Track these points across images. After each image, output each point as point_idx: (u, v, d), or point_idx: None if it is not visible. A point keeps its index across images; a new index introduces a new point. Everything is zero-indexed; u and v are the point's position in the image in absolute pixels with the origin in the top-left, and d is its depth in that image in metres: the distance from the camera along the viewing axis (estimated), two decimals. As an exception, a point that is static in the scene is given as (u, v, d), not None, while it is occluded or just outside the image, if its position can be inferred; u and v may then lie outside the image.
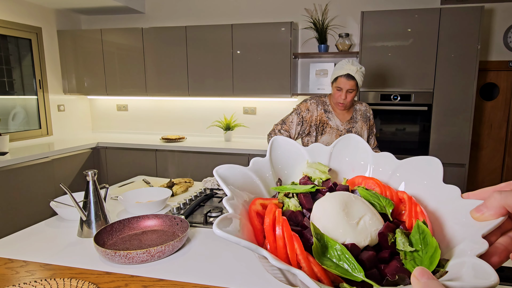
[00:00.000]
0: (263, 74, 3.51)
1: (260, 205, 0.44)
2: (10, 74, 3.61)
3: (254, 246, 0.35)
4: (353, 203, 0.42)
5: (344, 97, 1.90)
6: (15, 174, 2.90)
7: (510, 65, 3.31)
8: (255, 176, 0.49)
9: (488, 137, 3.48)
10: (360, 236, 0.39)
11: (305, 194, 0.46)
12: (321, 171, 0.51)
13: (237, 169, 0.47)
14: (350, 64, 1.87)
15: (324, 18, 3.52)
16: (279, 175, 0.52)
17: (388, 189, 0.46)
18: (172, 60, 3.73)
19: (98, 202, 1.33)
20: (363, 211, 0.41)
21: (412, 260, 0.38)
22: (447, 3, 3.31)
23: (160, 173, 3.64)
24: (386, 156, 0.51)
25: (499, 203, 0.34)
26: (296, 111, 2.04)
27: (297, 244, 0.37)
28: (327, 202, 0.43)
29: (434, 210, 0.42)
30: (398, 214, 0.45)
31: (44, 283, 0.94)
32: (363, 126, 2.07)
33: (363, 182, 0.49)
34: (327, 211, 0.41)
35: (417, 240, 0.38)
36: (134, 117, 4.38)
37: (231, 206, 0.40)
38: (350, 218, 0.40)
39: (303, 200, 0.46)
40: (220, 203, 1.69)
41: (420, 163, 0.47)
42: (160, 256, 1.09)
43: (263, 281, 0.99)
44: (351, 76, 1.86)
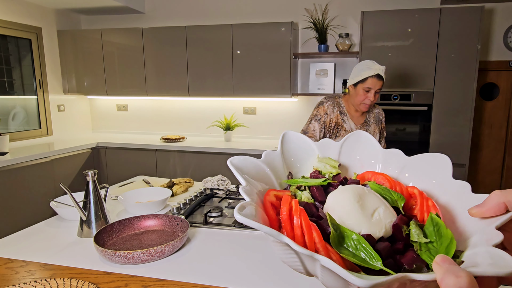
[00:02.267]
0: (263, 74, 3.51)
1: (274, 196, 0.44)
2: (10, 74, 3.61)
3: (276, 232, 0.34)
4: (367, 195, 0.43)
5: (372, 98, 1.86)
6: (15, 174, 2.90)
7: (510, 65, 3.31)
8: (267, 168, 0.49)
9: (488, 137, 3.48)
10: (375, 227, 0.40)
11: (317, 187, 0.47)
12: (332, 165, 0.51)
13: (250, 160, 0.49)
14: (377, 65, 1.84)
15: (324, 18, 3.52)
16: (290, 168, 0.53)
17: (398, 185, 0.47)
18: (172, 60, 3.73)
19: (98, 202, 1.33)
20: (376, 203, 0.42)
21: (427, 251, 0.38)
22: (447, 3, 3.31)
23: (160, 173, 3.64)
24: (395, 152, 0.52)
25: (499, 200, 0.34)
26: (316, 118, 1.96)
27: (316, 233, 0.37)
28: (342, 194, 0.43)
29: (445, 204, 0.42)
30: (409, 209, 0.45)
31: (44, 283, 0.94)
32: (376, 130, 2.04)
33: (373, 177, 0.50)
34: (342, 203, 0.42)
35: (431, 232, 0.39)
36: (134, 117, 4.39)
37: (246, 193, 0.41)
38: (364, 209, 0.41)
39: (315, 193, 0.46)
40: (220, 203, 1.69)
41: (428, 159, 0.47)
42: (160, 256, 1.09)
43: (264, 280, 0.99)
44: (381, 76, 1.83)
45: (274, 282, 0.98)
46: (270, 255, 1.15)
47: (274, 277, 1.01)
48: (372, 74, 1.83)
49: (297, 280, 0.99)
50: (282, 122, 3.89)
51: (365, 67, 1.86)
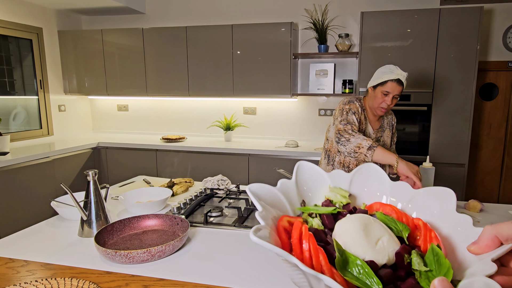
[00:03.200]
0: (263, 74, 3.51)
1: (287, 221, 0.49)
2: (11, 74, 3.62)
3: (286, 253, 0.38)
4: (372, 225, 0.46)
5: (390, 103, 1.83)
6: (16, 174, 2.90)
7: (509, 65, 3.31)
8: (282, 195, 0.54)
9: (488, 137, 3.49)
10: (379, 255, 0.43)
11: (327, 215, 0.51)
12: (342, 195, 0.55)
13: (267, 188, 0.53)
14: (399, 70, 1.81)
15: (324, 18, 3.53)
16: (303, 197, 0.57)
17: (405, 216, 0.50)
18: (173, 60, 3.73)
19: (99, 202, 1.33)
20: (381, 232, 0.46)
21: (426, 279, 0.41)
22: (446, 4, 3.31)
23: (161, 173, 3.64)
24: (402, 185, 0.55)
25: (491, 234, 0.37)
26: (350, 112, 1.88)
27: (322, 256, 0.41)
28: (349, 222, 0.47)
29: (447, 236, 0.46)
30: (413, 239, 0.49)
31: (45, 283, 0.94)
32: (389, 134, 2.03)
33: (381, 208, 0.53)
34: (349, 230, 0.46)
35: (431, 261, 0.42)
36: (135, 117, 4.39)
37: (262, 218, 0.45)
38: (369, 238, 0.44)
39: (325, 220, 0.50)
40: (220, 203, 1.70)
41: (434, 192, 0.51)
42: (161, 255, 1.10)
43: (264, 280, 1.00)
44: (401, 81, 1.80)
45: (274, 281, 0.99)
46: (270, 255, 1.15)
47: (274, 276, 1.02)
48: (392, 78, 1.80)
49: (296, 280, 0.99)
50: (282, 122, 3.89)
51: (388, 70, 1.83)
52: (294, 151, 3.28)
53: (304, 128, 3.84)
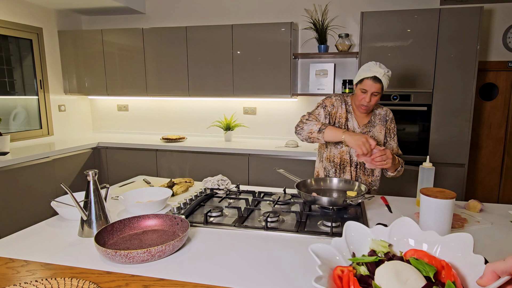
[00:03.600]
0: (263, 74, 3.51)
1: (340, 270, 0.63)
2: (11, 74, 3.62)
3: None
4: (403, 268, 0.60)
5: (368, 100, 1.84)
6: (16, 174, 2.91)
7: (509, 65, 3.31)
8: (336, 251, 0.69)
9: (488, 137, 3.49)
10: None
11: (371, 263, 0.65)
12: (383, 246, 0.70)
13: (325, 247, 0.68)
14: (377, 67, 1.82)
15: (324, 18, 3.53)
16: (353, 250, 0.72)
17: (434, 259, 0.64)
18: (173, 60, 3.73)
19: (99, 202, 1.33)
20: (410, 274, 0.58)
21: None
22: (446, 4, 3.31)
23: (161, 173, 3.64)
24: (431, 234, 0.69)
25: (490, 270, 0.50)
26: (322, 105, 1.96)
27: None
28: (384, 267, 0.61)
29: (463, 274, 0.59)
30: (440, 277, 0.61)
31: (45, 283, 0.94)
32: (381, 130, 2.01)
33: (415, 254, 0.67)
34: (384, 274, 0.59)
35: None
36: (135, 117, 4.39)
37: (321, 270, 0.60)
38: (399, 278, 0.57)
39: (369, 267, 0.64)
40: (220, 203, 1.70)
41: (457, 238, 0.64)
42: (161, 255, 1.10)
43: (264, 280, 1.00)
44: (377, 79, 1.80)
45: (275, 281, 0.99)
46: (270, 255, 1.16)
47: (274, 276, 1.02)
48: (368, 76, 1.81)
49: (298, 279, 0.99)
50: (282, 122, 3.89)
51: (366, 68, 1.85)
52: (294, 151, 3.28)
53: (304, 128, 3.83)
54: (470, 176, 3.53)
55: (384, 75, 1.81)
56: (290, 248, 1.21)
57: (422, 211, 1.30)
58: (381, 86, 1.83)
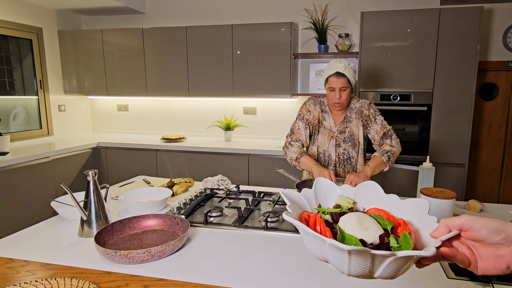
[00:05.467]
0: (263, 74, 3.51)
1: (307, 214, 0.69)
2: (11, 74, 3.62)
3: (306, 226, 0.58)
4: (365, 218, 0.66)
5: (338, 96, 1.87)
6: (16, 174, 2.91)
7: (509, 65, 3.31)
8: (304, 199, 0.74)
9: (488, 137, 3.49)
10: (368, 237, 0.61)
11: (336, 213, 0.70)
12: (348, 202, 0.76)
13: (295, 193, 0.73)
14: (337, 63, 1.86)
15: (324, 18, 3.53)
16: (320, 201, 0.77)
17: (392, 217, 0.70)
18: (173, 60, 3.73)
19: (99, 202, 1.33)
20: (370, 223, 0.64)
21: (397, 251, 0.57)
22: (446, 4, 3.31)
23: (161, 173, 3.64)
24: (393, 197, 0.74)
25: (444, 224, 0.57)
26: (299, 117, 2.05)
27: (328, 233, 0.61)
28: (348, 216, 0.67)
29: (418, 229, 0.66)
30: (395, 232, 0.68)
31: (44, 283, 0.94)
32: (358, 124, 1.99)
33: (376, 211, 0.73)
34: (347, 220, 0.65)
35: (401, 241, 0.60)
36: (135, 117, 4.39)
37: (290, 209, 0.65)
38: (361, 226, 0.63)
39: (334, 216, 0.70)
40: (220, 203, 1.70)
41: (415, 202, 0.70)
42: (161, 255, 1.10)
43: (264, 279, 1.00)
44: (340, 73, 1.84)
45: (275, 281, 0.99)
46: (270, 254, 1.16)
47: (274, 276, 1.02)
48: (331, 73, 1.85)
49: (298, 279, 0.99)
50: (282, 122, 3.89)
51: (327, 67, 1.89)
52: (294, 151, 3.28)
53: (304, 128, 3.84)
54: (470, 176, 3.53)
55: (346, 68, 1.84)
56: (290, 248, 1.21)
57: (422, 211, 1.30)
58: (346, 80, 1.85)
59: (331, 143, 2.00)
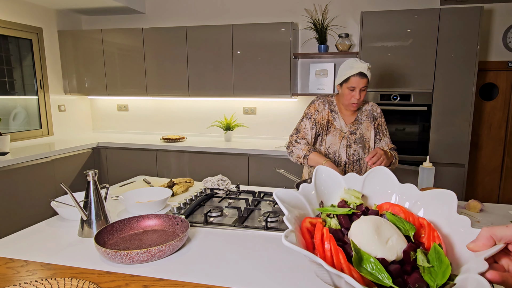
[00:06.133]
0: (263, 74, 3.51)
1: (309, 223, 0.56)
2: (11, 74, 3.62)
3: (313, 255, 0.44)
4: (383, 225, 0.53)
5: (358, 97, 1.85)
6: (16, 174, 2.90)
7: (509, 65, 3.31)
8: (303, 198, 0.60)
9: (488, 137, 3.49)
10: (389, 252, 0.50)
11: (344, 216, 0.58)
12: (356, 196, 0.62)
13: (290, 192, 0.59)
14: (359, 62, 1.83)
15: (324, 18, 3.53)
16: (321, 198, 0.63)
17: (411, 215, 0.56)
18: (173, 60, 3.73)
19: (99, 202, 1.33)
20: (391, 232, 0.52)
21: (429, 274, 0.47)
22: (446, 4, 3.31)
23: (161, 173, 3.64)
24: (409, 187, 0.61)
25: (487, 235, 0.43)
26: (307, 116, 1.98)
27: (342, 256, 0.48)
28: (363, 224, 0.53)
29: (447, 235, 0.52)
30: (418, 237, 0.55)
31: (44, 283, 0.94)
32: (369, 127, 2.00)
33: (390, 208, 0.59)
34: (363, 231, 0.52)
35: (433, 258, 0.48)
36: (135, 117, 4.39)
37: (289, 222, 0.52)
38: (381, 237, 0.51)
39: (342, 221, 0.57)
40: (220, 203, 1.70)
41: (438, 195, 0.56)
42: (161, 255, 1.10)
43: (264, 280, 1.00)
44: (363, 74, 1.82)
45: (275, 281, 0.99)
46: (270, 255, 1.15)
47: (274, 276, 1.02)
48: (354, 73, 1.83)
49: (298, 279, 0.99)
50: (282, 122, 3.89)
51: (348, 67, 1.86)
52: (294, 151, 3.28)
53: (304, 128, 3.83)
54: (470, 176, 3.53)
55: (368, 69, 1.84)
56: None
57: (422, 211, 1.30)
58: (367, 80, 1.85)
59: (342, 143, 1.96)
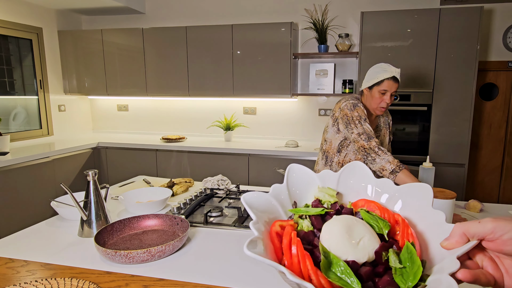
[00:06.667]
0: (263, 74, 3.51)
1: (279, 226, 0.53)
2: (11, 74, 3.62)
3: (276, 264, 0.42)
4: (355, 225, 0.51)
5: (388, 101, 1.81)
6: (16, 174, 2.90)
7: (509, 65, 3.31)
8: (274, 200, 0.58)
9: (488, 137, 3.49)
10: (360, 254, 0.48)
11: (316, 216, 0.55)
12: (330, 195, 0.59)
13: (260, 195, 0.56)
14: (391, 67, 1.80)
15: (324, 18, 3.53)
16: (295, 198, 0.60)
17: (386, 212, 0.54)
18: (173, 60, 3.73)
19: (99, 202, 1.33)
20: (363, 232, 0.50)
21: (400, 275, 0.45)
22: (446, 4, 3.31)
23: (161, 173, 3.64)
24: (385, 182, 0.59)
25: (460, 231, 0.41)
26: (363, 118, 1.82)
27: (308, 261, 0.46)
28: (334, 225, 0.51)
29: (422, 232, 0.50)
30: (393, 234, 0.53)
31: (44, 283, 0.94)
32: (386, 134, 2.00)
33: (365, 204, 0.57)
34: (333, 233, 0.50)
35: (406, 259, 0.46)
36: (135, 117, 4.39)
37: (256, 229, 0.49)
38: (352, 239, 0.49)
39: (314, 222, 0.55)
40: (220, 203, 1.70)
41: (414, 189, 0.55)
42: (161, 255, 1.10)
43: (263, 280, 1.00)
44: (396, 78, 1.79)
45: (275, 281, 0.99)
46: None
47: (274, 276, 1.02)
48: (388, 76, 1.78)
49: (296, 280, 0.99)
50: (282, 122, 3.89)
51: (381, 70, 1.81)
52: (294, 151, 3.28)
53: (304, 128, 3.84)
54: (470, 176, 3.53)
55: (399, 74, 1.81)
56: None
57: (422, 211, 1.30)
58: (398, 86, 1.82)
59: None
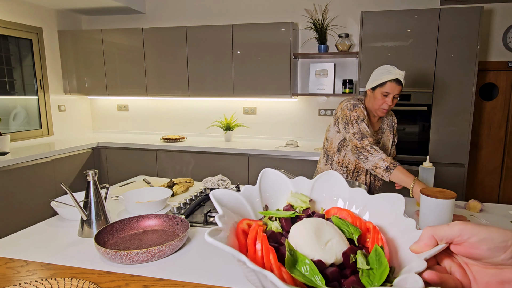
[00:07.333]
0: (263, 74, 3.51)
1: (247, 224, 0.52)
2: (11, 74, 3.62)
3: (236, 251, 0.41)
4: (324, 228, 0.50)
5: (390, 103, 1.81)
6: (16, 174, 2.90)
7: (509, 65, 3.31)
8: (245, 201, 0.57)
9: (488, 137, 3.49)
10: (327, 254, 0.47)
11: (286, 219, 0.54)
12: (303, 200, 0.59)
13: (230, 193, 0.55)
14: (396, 69, 1.79)
15: (324, 18, 3.53)
16: (266, 202, 0.60)
17: (359, 220, 0.55)
18: (173, 60, 3.73)
19: (99, 202, 1.33)
20: (332, 235, 0.50)
21: (367, 276, 0.45)
22: (446, 4, 3.31)
23: (161, 173, 3.64)
24: (359, 191, 0.59)
25: (429, 234, 0.41)
26: (360, 119, 1.82)
27: (272, 255, 0.45)
28: (303, 225, 0.51)
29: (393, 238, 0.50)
30: (364, 241, 0.53)
31: (44, 283, 0.94)
32: (389, 136, 2.00)
33: (338, 212, 0.57)
34: (301, 232, 0.49)
35: (374, 260, 0.46)
36: (135, 117, 4.39)
37: (221, 222, 0.48)
38: (320, 239, 0.48)
39: (283, 224, 0.54)
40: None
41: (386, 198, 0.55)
42: (161, 255, 1.10)
43: (263, 280, 1.00)
44: (400, 81, 1.78)
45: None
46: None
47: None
48: (391, 79, 1.78)
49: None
50: (282, 122, 3.89)
51: (385, 71, 1.81)
52: (294, 151, 3.28)
53: (304, 128, 3.84)
54: (470, 176, 3.53)
55: (403, 77, 1.80)
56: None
57: (422, 211, 1.30)
58: (401, 89, 1.81)
59: None
